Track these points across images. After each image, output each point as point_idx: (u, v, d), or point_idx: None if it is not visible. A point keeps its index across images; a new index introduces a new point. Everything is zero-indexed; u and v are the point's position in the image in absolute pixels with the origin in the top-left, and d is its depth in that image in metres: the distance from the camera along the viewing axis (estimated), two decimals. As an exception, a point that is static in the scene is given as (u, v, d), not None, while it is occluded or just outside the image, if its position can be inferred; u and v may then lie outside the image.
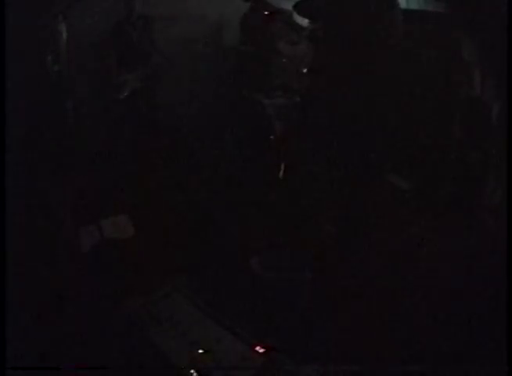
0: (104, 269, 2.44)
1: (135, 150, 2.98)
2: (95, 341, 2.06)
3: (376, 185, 2.56)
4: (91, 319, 2.18)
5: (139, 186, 2.78)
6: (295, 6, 2.82)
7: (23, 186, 2.61)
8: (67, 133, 2.85)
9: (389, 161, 2.70)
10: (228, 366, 2.01)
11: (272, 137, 2.40)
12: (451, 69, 3.24)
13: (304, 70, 2.48)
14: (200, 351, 2.09)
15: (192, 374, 1.95)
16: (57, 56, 3.00)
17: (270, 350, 2.04)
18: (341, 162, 2.33)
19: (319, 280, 2.26)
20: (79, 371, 1.91)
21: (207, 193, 2.69)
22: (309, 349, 2.01)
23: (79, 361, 1.91)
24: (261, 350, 2.05)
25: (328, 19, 2.49)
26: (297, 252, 2.30)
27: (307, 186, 2.35)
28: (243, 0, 3.15)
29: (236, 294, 2.25)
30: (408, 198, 2.69)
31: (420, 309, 2.19)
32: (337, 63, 2.38)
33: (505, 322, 1.88)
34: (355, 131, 2.38)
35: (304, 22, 2.85)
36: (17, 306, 2.01)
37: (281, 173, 2.29)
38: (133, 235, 2.55)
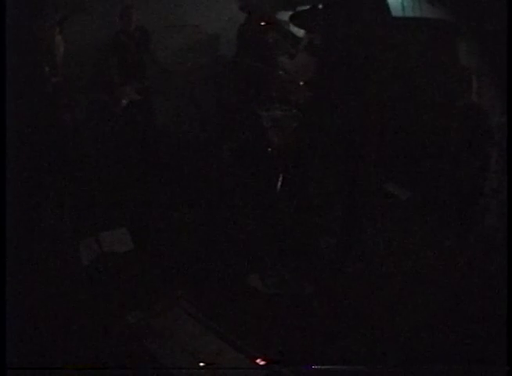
0: (103, 281, 2.44)
1: (133, 163, 2.98)
2: (95, 354, 2.07)
3: (374, 194, 2.57)
4: (90, 332, 2.18)
5: (138, 199, 2.78)
6: (292, 17, 2.83)
7: (22, 198, 2.61)
8: (65, 145, 2.85)
9: (387, 171, 2.71)
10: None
11: (269, 149, 2.40)
12: (449, 76, 3.25)
13: (301, 83, 2.49)
14: (202, 364, 2.10)
15: None
16: (54, 68, 3.00)
17: (271, 363, 2.04)
18: (339, 173, 2.33)
19: (320, 293, 2.26)
20: (79, 371, 1.92)
21: (207, 205, 2.69)
22: (310, 362, 2.01)
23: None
24: (263, 363, 2.05)
25: (324, 31, 2.50)
26: (297, 267, 2.30)
27: (305, 197, 2.35)
28: (240, 10, 3.15)
29: (236, 307, 2.25)
30: (406, 207, 2.69)
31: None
32: (334, 74, 2.39)
33: (505, 322, 1.88)
34: (352, 142, 2.38)
35: (300, 33, 2.86)
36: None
37: (279, 185, 2.29)
38: (132, 248, 2.56)
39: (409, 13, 3.77)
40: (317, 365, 1.98)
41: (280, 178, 2.28)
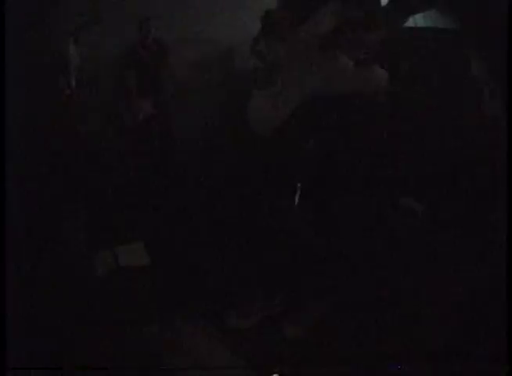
0: (118, 295, 2.43)
1: (150, 177, 2.97)
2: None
3: (388, 209, 2.56)
4: (103, 345, 2.18)
5: (155, 214, 2.78)
6: None
7: (36, 210, 2.61)
8: (81, 158, 2.85)
9: (400, 184, 2.70)
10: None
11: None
12: (461, 87, 3.25)
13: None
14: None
15: None
16: (69, 79, 3.00)
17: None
18: (351, 188, 2.32)
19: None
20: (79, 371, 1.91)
21: (226, 219, 2.69)
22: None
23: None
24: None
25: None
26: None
27: (318, 212, 2.34)
28: None
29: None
30: (422, 220, 2.69)
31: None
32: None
33: (505, 321, 1.88)
34: (364, 156, 2.37)
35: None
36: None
37: (296, 199, 2.28)
38: (148, 263, 2.56)
39: (420, 23, 3.79)
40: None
41: (298, 191, 2.26)
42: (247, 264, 2.48)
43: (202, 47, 3.30)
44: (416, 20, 3.78)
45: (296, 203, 2.27)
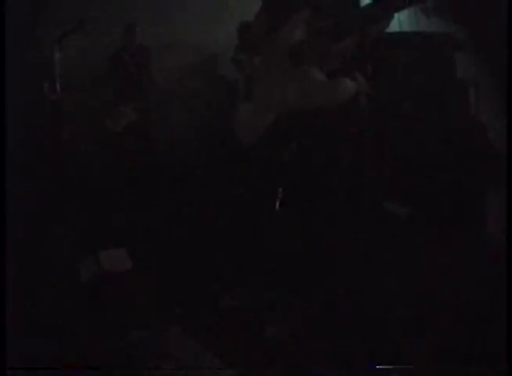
0: (101, 301, 2.44)
1: (133, 183, 2.97)
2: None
3: (371, 213, 2.57)
4: (88, 351, 2.17)
5: (137, 220, 2.78)
6: None
7: (21, 216, 2.61)
8: (64, 164, 2.85)
9: (383, 188, 2.71)
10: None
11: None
12: (446, 91, 3.26)
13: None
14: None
15: None
16: (53, 85, 3.00)
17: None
18: (335, 192, 2.32)
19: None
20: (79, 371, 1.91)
21: (206, 227, 2.69)
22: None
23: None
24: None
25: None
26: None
27: (301, 217, 2.35)
28: None
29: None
30: (405, 224, 2.69)
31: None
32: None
33: (505, 321, 1.86)
34: (348, 160, 2.37)
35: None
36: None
37: (277, 205, 2.28)
38: (131, 268, 2.56)
39: (406, 28, 3.81)
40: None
41: (279, 195, 2.26)
42: (232, 266, 2.49)
43: (185, 53, 3.31)
44: (402, 24, 3.81)
45: (277, 207, 2.27)
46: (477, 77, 3.43)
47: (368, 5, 1.90)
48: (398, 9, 1.88)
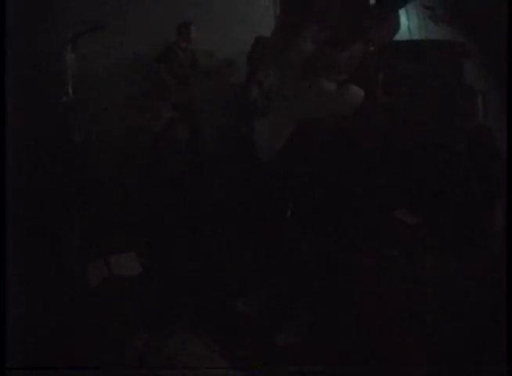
0: (111, 304, 2.44)
1: (145, 186, 2.97)
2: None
3: (382, 221, 2.57)
4: (98, 355, 2.17)
5: (150, 224, 2.79)
6: None
7: (31, 218, 2.61)
8: (75, 167, 2.84)
9: (394, 197, 2.71)
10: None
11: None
12: (457, 98, 3.27)
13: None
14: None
15: None
16: (65, 87, 2.99)
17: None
18: (346, 200, 2.33)
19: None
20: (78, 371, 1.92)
21: (221, 233, 2.69)
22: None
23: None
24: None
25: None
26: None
27: (311, 224, 2.35)
28: None
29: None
30: (416, 232, 2.70)
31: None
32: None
33: (505, 322, 1.87)
34: (359, 168, 2.38)
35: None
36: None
37: (288, 213, 2.29)
38: (140, 272, 2.56)
39: (416, 36, 3.82)
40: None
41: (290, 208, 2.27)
42: (242, 272, 2.50)
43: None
44: (412, 32, 3.83)
45: (288, 215, 2.28)
46: (486, 84, 3.44)
47: (369, 8, 1.91)
48: (398, 4, 1.89)
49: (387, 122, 2.97)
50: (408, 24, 3.69)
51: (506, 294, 1.94)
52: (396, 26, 2.00)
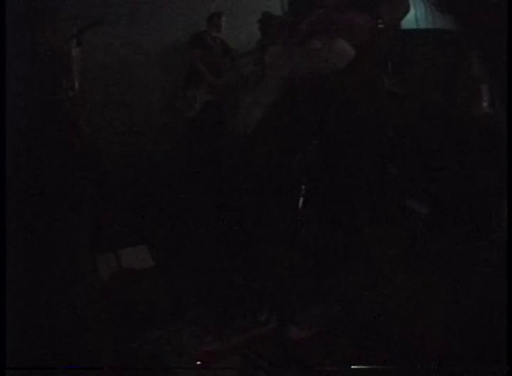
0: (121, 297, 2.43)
1: (154, 179, 2.96)
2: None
3: (394, 210, 2.55)
4: (107, 348, 2.17)
5: (161, 216, 2.78)
6: None
7: (41, 210, 2.60)
8: (85, 160, 2.83)
9: (405, 186, 2.69)
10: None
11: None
12: (464, 89, 3.24)
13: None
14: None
15: None
16: (71, 82, 2.98)
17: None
18: (357, 191, 2.32)
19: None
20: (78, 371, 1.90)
21: (233, 228, 2.67)
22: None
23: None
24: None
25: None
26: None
27: (323, 215, 2.34)
28: None
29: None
30: (427, 222, 2.67)
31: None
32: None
33: (505, 322, 1.86)
34: (369, 159, 2.37)
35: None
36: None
37: (300, 203, 2.27)
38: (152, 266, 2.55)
39: (423, 25, 3.79)
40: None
41: (301, 198, 2.25)
42: (251, 268, 2.48)
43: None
44: (419, 21, 3.79)
45: (300, 205, 2.26)
46: (492, 74, 3.41)
47: None
48: None
49: (395, 110, 2.95)
50: (415, 13, 3.66)
51: (506, 294, 1.93)
52: (406, 7, 2.01)
